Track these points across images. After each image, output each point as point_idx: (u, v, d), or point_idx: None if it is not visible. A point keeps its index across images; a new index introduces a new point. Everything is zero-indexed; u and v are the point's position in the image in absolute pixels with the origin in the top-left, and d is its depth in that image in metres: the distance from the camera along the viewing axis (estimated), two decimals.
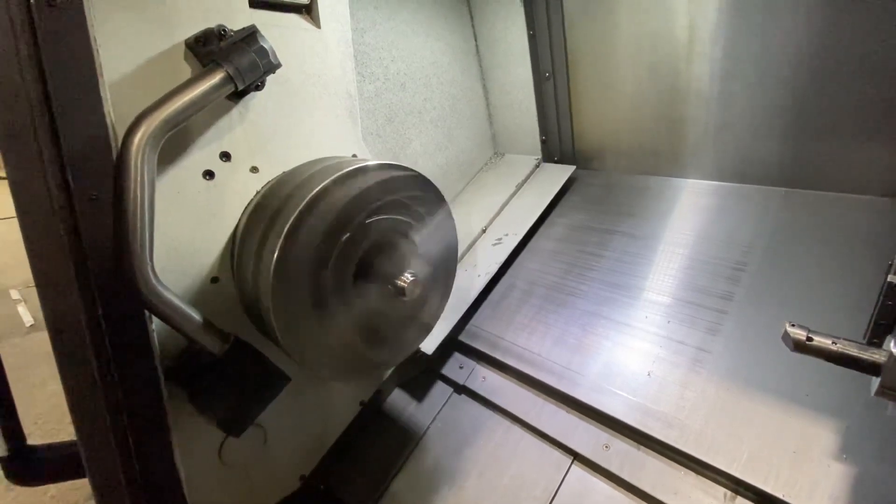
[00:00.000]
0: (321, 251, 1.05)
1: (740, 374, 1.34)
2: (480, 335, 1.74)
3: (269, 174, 1.22)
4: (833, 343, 0.87)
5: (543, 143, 2.31)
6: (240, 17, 1.12)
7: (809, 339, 0.87)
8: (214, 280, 1.16)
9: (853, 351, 0.86)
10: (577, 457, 1.37)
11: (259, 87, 1.16)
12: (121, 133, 0.89)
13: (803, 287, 1.47)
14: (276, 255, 0.98)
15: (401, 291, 1.15)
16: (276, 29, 1.19)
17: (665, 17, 1.81)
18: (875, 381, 0.87)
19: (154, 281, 0.89)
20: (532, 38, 2.12)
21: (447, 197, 1.31)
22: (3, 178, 0.80)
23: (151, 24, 1.00)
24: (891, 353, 0.84)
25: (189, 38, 1.04)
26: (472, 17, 2.24)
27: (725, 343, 1.43)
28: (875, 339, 0.94)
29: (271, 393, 1.14)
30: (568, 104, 2.22)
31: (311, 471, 1.48)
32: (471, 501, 1.38)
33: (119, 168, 0.87)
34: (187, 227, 1.10)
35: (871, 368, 0.85)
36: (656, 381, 1.40)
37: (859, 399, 1.18)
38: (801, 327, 0.89)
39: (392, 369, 1.69)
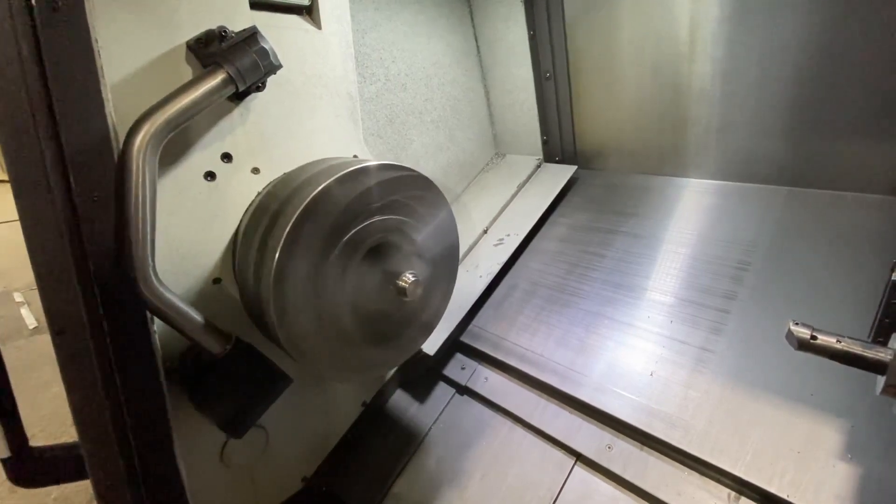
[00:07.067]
0: (322, 252, 1.05)
1: (744, 373, 1.33)
2: (482, 336, 1.74)
3: (270, 175, 1.22)
4: (838, 341, 0.86)
5: (545, 143, 2.31)
6: (240, 18, 1.12)
7: (814, 337, 0.87)
8: (216, 281, 1.16)
9: (858, 349, 0.86)
10: (579, 457, 1.37)
11: (260, 88, 1.16)
12: (122, 134, 0.90)
13: (807, 286, 1.46)
14: (277, 257, 0.98)
15: (402, 292, 1.16)
16: (277, 30, 1.19)
17: (667, 16, 1.80)
18: (880, 380, 0.86)
19: (155, 282, 0.89)
20: (533, 38, 2.12)
21: (448, 198, 1.31)
22: (6, 181, 0.81)
23: (152, 26, 1.00)
24: None
25: (190, 40, 1.05)
26: (472, 18, 2.25)
27: (729, 342, 1.42)
28: (880, 337, 0.94)
29: (273, 394, 1.14)
30: (569, 104, 2.22)
31: (312, 472, 1.48)
32: (473, 502, 1.38)
33: (121, 169, 0.87)
34: (189, 228, 1.10)
35: (877, 367, 0.85)
36: (659, 382, 1.40)
37: (864, 398, 1.17)
38: (806, 326, 0.89)
39: (394, 370, 1.68)
